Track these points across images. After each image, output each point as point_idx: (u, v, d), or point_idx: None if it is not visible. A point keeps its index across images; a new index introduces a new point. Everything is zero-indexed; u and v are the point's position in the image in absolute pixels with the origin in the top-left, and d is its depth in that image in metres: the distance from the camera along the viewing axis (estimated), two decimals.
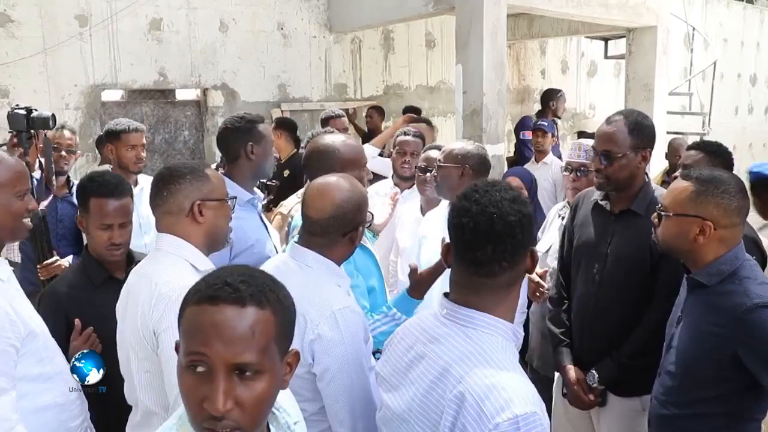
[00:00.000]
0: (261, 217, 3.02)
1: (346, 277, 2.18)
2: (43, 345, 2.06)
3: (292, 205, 3.36)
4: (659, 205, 2.22)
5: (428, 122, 5.50)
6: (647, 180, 2.69)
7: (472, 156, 3.05)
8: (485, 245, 1.50)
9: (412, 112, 7.44)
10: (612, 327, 2.62)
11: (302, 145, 4.57)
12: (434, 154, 3.46)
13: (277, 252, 2.86)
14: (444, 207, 3.50)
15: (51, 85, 6.14)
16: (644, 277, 2.55)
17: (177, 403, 1.78)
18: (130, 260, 2.63)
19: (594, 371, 2.64)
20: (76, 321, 2.42)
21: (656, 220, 2.22)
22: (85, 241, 3.53)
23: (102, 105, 6.52)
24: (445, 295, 1.64)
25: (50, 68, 6.11)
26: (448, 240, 1.62)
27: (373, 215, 2.26)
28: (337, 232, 2.08)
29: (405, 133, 4.11)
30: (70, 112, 6.25)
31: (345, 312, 1.97)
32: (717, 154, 3.03)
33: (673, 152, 5.88)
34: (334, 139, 2.81)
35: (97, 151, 6.01)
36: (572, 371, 2.72)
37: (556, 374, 2.91)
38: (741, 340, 1.99)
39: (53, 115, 3.47)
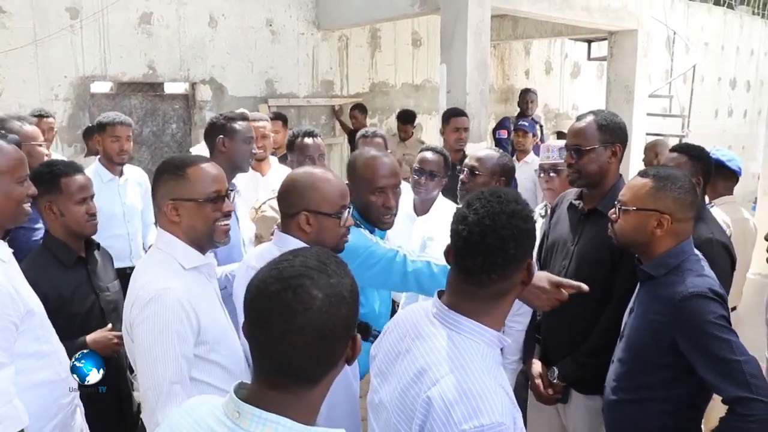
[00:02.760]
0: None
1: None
2: (40, 324, 2.17)
3: (264, 199, 3.43)
4: (617, 201, 2.33)
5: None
6: (620, 180, 2.74)
7: (507, 168, 3.14)
8: (476, 255, 1.52)
9: (406, 117, 7.56)
10: (574, 325, 2.67)
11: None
12: (429, 155, 3.48)
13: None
14: (439, 208, 3.56)
15: (41, 76, 6.20)
16: (605, 276, 2.60)
17: (146, 396, 1.89)
18: (89, 243, 2.79)
19: (555, 367, 2.70)
20: (109, 324, 2.61)
21: (614, 215, 2.33)
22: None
23: (91, 97, 6.58)
24: (440, 293, 1.67)
25: (41, 59, 6.18)
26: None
27: (351, 205, 2.32)
28: None
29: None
30: (59, 103, 6.32)
31: None
32: (699, 159, 3.05)
33: (648, 151, 6.00)
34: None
35: (84, 143, 6.11)
36: (536, 365, 2.80)
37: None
38: (677, 327, 2.12)
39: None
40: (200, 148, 4.62)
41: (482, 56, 6.06)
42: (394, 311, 3.75)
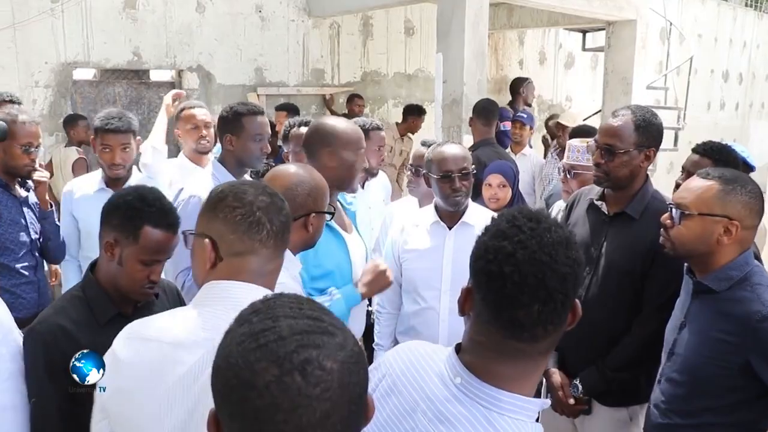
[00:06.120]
0: None
1: (296, 262, 2.16)
2: (7, 339, 1.96)
3: None
4: (673, 204, 2.11)
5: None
6: (648, 181, 2.57)
7: None
8: (532, 304, 1.14)
9: (412, 111, 7.53)
10: (598, 334, 2.51)
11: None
12: (424, 150, 3.27)
13: None
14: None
15: (20, 62, 5.94)
16: (634, 285, 2.45)
17: None
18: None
19: (577, 382, 2.54)
20: None
21: (668, 221, 2.11)
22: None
23: (73, 83, 6.34)
24: (457, 348, 1.28)
25: (19, 44, 5.91)
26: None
27: (335, 207, 2.29)
28: None
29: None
30: (39, 89, 6.07)
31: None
32: (726, 162, 2.78)
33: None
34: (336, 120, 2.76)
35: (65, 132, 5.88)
36: (556, 375, 2.62)
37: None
38: (755, 349, 1.93)
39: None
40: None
41: (480, 45, 5.88)
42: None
